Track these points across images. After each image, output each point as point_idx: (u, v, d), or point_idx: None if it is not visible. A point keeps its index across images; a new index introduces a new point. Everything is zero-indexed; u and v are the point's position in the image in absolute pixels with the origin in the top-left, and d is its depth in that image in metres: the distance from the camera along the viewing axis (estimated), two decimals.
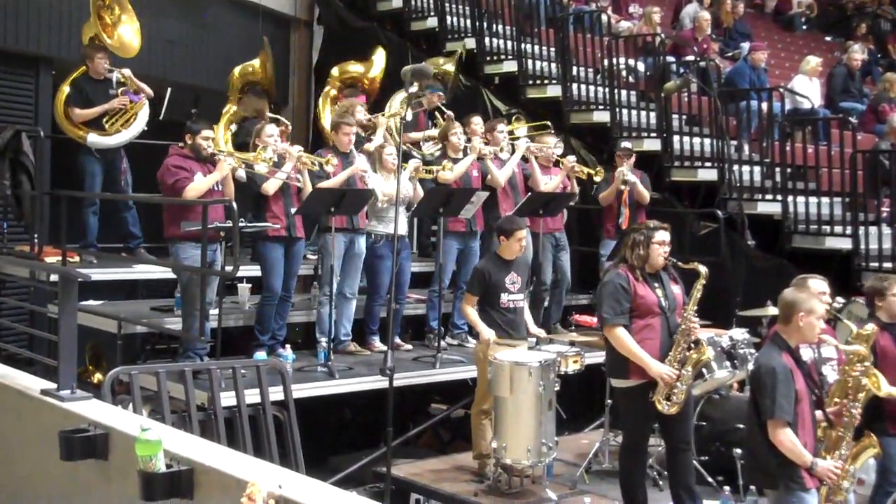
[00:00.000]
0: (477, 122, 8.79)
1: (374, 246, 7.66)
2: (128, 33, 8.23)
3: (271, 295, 7.09)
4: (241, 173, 7.17)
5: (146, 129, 8.12)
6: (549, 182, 8.59)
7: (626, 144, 9.21)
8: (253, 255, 7.37)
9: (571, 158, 8.75)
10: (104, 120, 7.97)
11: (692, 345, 5.64)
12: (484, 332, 6.51)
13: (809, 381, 4.84)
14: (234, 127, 8.84)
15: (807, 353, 5.22)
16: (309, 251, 8.21)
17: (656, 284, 5.70)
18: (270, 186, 6.93)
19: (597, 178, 8.76)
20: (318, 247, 7.66)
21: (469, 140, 8.31)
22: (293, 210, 7.09)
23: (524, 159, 8.49)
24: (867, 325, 5.22)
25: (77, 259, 7.87)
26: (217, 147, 6.86)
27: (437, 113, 9.37)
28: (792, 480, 4.63)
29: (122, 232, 8.18)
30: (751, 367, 5.94)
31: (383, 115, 8.64)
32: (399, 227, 6.61)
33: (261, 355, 6.85)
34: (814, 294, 5.08)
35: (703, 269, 5.67)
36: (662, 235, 5.69)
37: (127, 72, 8.04)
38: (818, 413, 4.87)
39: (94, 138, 7.92)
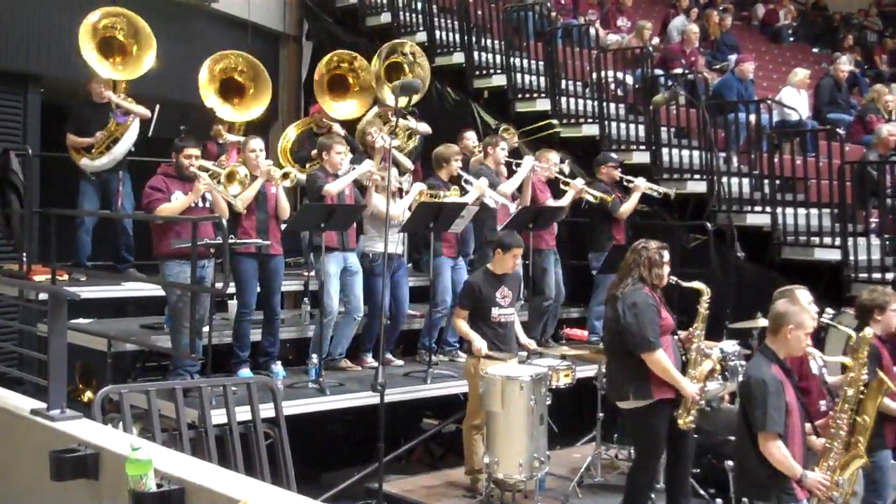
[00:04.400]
0: (470, 136, 8.78)
1: (373, 265, 7.65)
2: (144, 53, 8.19)
3: (247, 311, 7.03)
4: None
5: (133, 149, 8.15)
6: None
7: (612, 156, 9.24)
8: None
9: (580, 181, 8.70)
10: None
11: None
12: (476, 341, 6.50)
13: (814, 391, 4.85)
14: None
15: (816, 366, 5.26)
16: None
17: None
18: (239, 204, 6.83)
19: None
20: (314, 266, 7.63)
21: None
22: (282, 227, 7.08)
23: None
24: (866, 329, 5.20)
25: (66, 277, 7.85)
26: (200, 165, 6.78)
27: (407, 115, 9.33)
28: (783, 492, 4.64)
29: (115, 254, 8.22)
30: (741, 378, 5.97)
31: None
32: (394, 246, 6.57)
33: (245, 372, 6.83)
34: (806, 309, 5.08)
35: (701, 286, 5.74)
36: (668, 254, 5.75)
37: (109, 94, 8.04)
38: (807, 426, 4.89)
39: (83, 161, 8.06)
